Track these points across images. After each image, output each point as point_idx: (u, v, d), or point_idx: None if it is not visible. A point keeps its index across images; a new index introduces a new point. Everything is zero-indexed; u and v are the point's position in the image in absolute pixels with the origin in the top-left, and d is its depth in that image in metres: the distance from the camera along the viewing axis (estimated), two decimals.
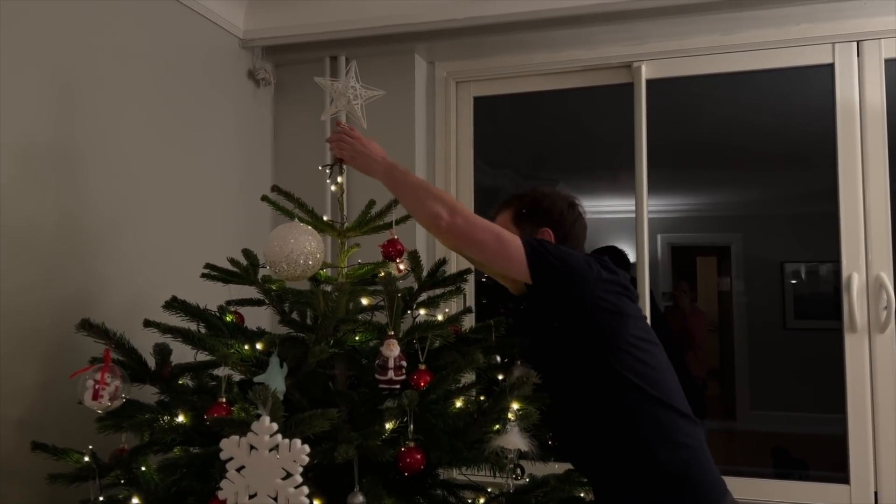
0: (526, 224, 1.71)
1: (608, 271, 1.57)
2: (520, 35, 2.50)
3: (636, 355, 1.51)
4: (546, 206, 1.72)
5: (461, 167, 2.74)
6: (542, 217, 1.71)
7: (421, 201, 1.55)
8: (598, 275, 1.53)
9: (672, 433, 1.48)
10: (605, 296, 1.52)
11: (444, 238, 1.56)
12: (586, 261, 1.55)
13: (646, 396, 1.48)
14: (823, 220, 2.48)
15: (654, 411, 1.48)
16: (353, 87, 1.76)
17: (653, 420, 1.48)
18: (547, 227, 1.70)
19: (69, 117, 1.90)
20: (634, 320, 1.56)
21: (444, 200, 1.54)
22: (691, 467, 1.47)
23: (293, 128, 2.78)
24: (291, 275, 1.52)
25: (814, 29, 2.36)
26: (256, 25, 2.62)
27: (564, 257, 1.52)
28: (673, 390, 1.54)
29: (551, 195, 1.74)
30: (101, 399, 1.36)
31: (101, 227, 1.99)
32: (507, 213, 1.75)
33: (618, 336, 1.51)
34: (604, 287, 1.52)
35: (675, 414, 1.50)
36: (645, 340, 1.56)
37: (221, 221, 2.48)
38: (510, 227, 1.69)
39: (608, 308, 1.51)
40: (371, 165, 1.68)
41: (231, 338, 1.54)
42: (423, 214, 1.55)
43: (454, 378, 1.38)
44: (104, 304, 1.96)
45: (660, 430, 1.47)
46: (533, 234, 1.67)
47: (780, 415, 5.68)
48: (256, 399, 1.15)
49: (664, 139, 2.52)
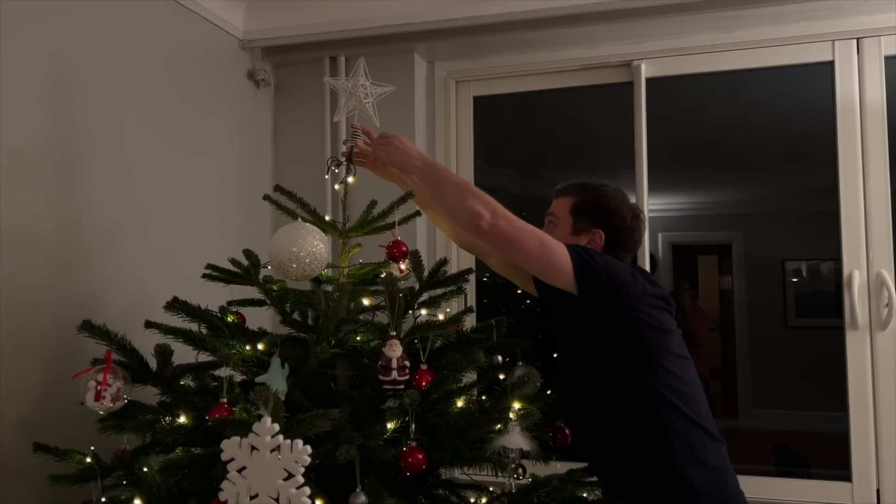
0: (582, 218, 1.66)
1: (652, 285, 1.54)
2: (519, 34, 2.50)
3: (674, 372, 1.49)
4: (611, 208, 1.66)
5: (461, 167, 2.74)
6: (603, 217, 1.65)
7: (462, 199, 1.52)
8: (643, 289, 1.49)
9: (702, 454, 1.46)
10: (648, 310, 1.49)
11: (484, 239, 1.54)
12: (632, 273, 1.52)
13: (680, 415, 1.46)
14: (824, 217, 2.47)
15: (687, 431, 1.46)
16: (364, 85, 1.76)
17: (685, 440, 1.46)
18: (602, 229, 1.65)
19: (69, 119, 1.91)
20: (674, 336, 1.54)
21: (487, 201, 1.51)
22: (720, 487, 1.46)
23: (293, 128, 2.78)
24: (300, 275, 1.52)
25: (813, 26, 2.35)
26: (256, 26, 2.62)
27: (611, 268, 1.48)
28: (703, 409, 1.52)
29: (619, 198, 1.68)
30: (104, 400, 1.37)
31: (102, 229, 1.99)
32: (568, 201, 1.69)
33: (658, 352, 1.48)
34: (648, 301, 1.49)
35: (705, 434, 1.49)
36: (681, 357, 1.54)
37: (221, 222, 2.48)
38: (565, 215, 1.67)
39: (651, 323, 1.48)
40: (408, 162, 1.66)
41: (232, 338, 1.54)
42: (463, 213, 1.52)
43: (456, 378, 1.38)
44: (105, 305, 1.96)
45: (692, 450, 1.46)
46: (586, 229, 1.65)
47: (782, 413, 5.68)
48: (258, 399, 1.15)
49: (664, 138, 2.52)
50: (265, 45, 2.65)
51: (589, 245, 1.63)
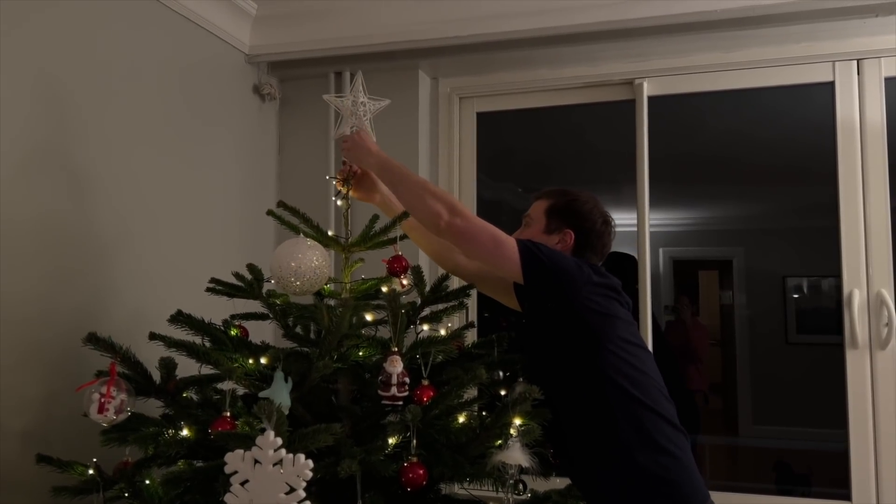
0: (555, 219, 1.75)
1: (599, 275, 1.61)
2: (523, 52, 2.53)
3: (621, 356, 1.54)
4: (583, 213, 1.75)
5: (464, 181, 2.76)
6: (574, 220, 1.74)
7: (421, 199, 1.62)
8: (587, 277, 1.57)
9: (654, 436, 1.49)
10: (593, 297, 1.56)
11: (443, 235, 1.63)
12: (577, 264, 1.60)
13: (628, 396, 1.50)
14: (825, 234, 2.49)
15: (636, 412, 1.50)
16: (363, 102, 1.79)
17: (634, 421, 1.49)
18: (572, 230, 1.73)
19: (75, 130, 1.93)
20: (623, 323, 1.59)
21: (444, 199, 1.60)
22: (671, 472, 1.47)
23: (298, 142, 2.80)
24: (300, 290, 1.54)
25: (815, 47, 2.38)
26: (262, 41, 2.64)
27: (556, 259, 1.58)
28: (658, 396, 1.55)
29: (591, 204, 1.77)
30: (107, 412, 1.38)
31: (106, 240, 2.01)
32: (544, 203, 1.78)
33: (605, 336, 1.54)
34: (593, 290, 1.57)
35: (659, 418, 1.51)
36: (632, 343, 1.59)
37: (225, 236, 2.49)
38: (540, 216, 1.76)
39: (596, 309, 1.55)
40: (363, 157, 1.73)
41: (235, 352, 1.55)
42: (422, 212, 1.62)
43: (457, 393, 1.39)
44: (109, 316, 1.97)
45: (641, 432, 1.49)
46: (558, 230, 1.72)
47: (782, 430, 5.66)
48: (261, 413, 1.16)
49: (666, 154, 2.54)
50: (271, 60, 2.67)
51: (559, 245, 1.72)
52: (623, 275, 1.78)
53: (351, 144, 1.76)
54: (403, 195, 1.67)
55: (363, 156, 1.74)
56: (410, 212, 1.66)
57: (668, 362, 1.72)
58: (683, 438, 1.54)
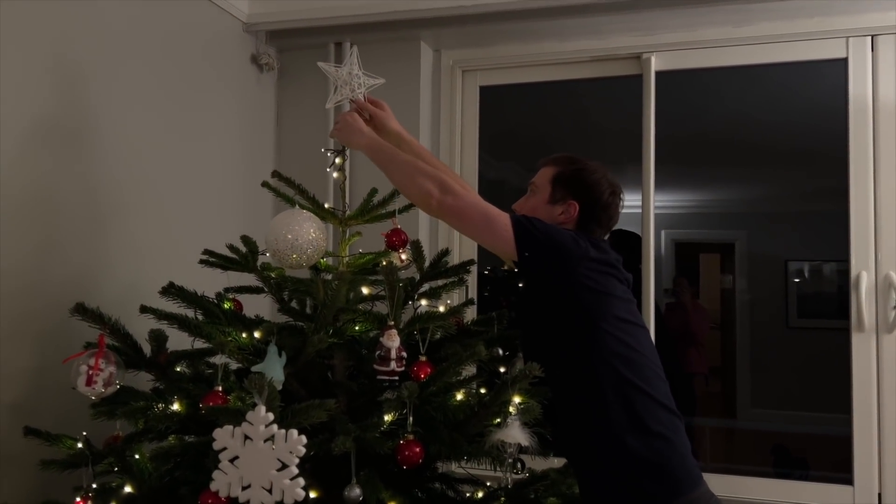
0: (560, 188, 1.66)
1: (597, 250, 1.55)
2: (528, 23, 2.46)
3: (617, 336, 1.49)
4: (590, 182, 1.66)
5: (466, 158, 2.71)
6: (580, 190, 1.65)
7: (412, 178, 1.56)
8: (584, 252, 1.51)
9: (645, 419, 1.45)
10: (590, 273, 1.50)
11: (434, 214, 1.58)
12: (573, 238, 1.53)
13: (620, 378, 1.46)
14: (829, 218, 2.44)
15: (629, 394, 1.46)
16: (357, 75, 1.74)
17: (626, 403, 1.45)
18: (577, 201, 1.65)
19: (69, 99, 1.87)
20: (620, 301, 1.54)
21: (435, 178, 1.54)
22: (663, 455, 1.44)
23: (296, 114, 2.74)
24: (297, 263, 1.50)
25: (828, 22, 2.31)
26: (260, 9, 2.57)
27: (551, 233, 1.52)
28: (653, 378, 1.51)
29: (599, 174, 1.68)
30: (95, 385, 1.34)
31: (99, 210, 1.96)
32: (550, 171, 1.70)
33: (600, 315, 1.49)
34: (590, 265, 1.51)
35: (651, 401, 1.47)
36: (629, 322, 1.54)
37: (222, 208, 2.44)
38: (545, 184, 1.68)
39: (592, 287, 1.50)
40: (353, 137, 1.68)
41: (229, 325, 1.51)
42: (413, 191, 1.56)
43: (455, 370, 1.35)
44: (101, 288, 1.93)
45: (632, 414, 1.45)
46: (563, 199, 1.65)
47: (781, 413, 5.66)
48: (252, 388, 1.12)
49: (670, 133, 2.48)
50: (269, 29, 2.60)
51: (562, 216, 1.65)
52: (628, 253, 1.72)
53: (342, 125, 1.70)
54: (394, 175, 1.60)
55: (354, 137, 1.68)
56: (402, 192, 1.61)
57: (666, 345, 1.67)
58: (677, 421, 1.50)
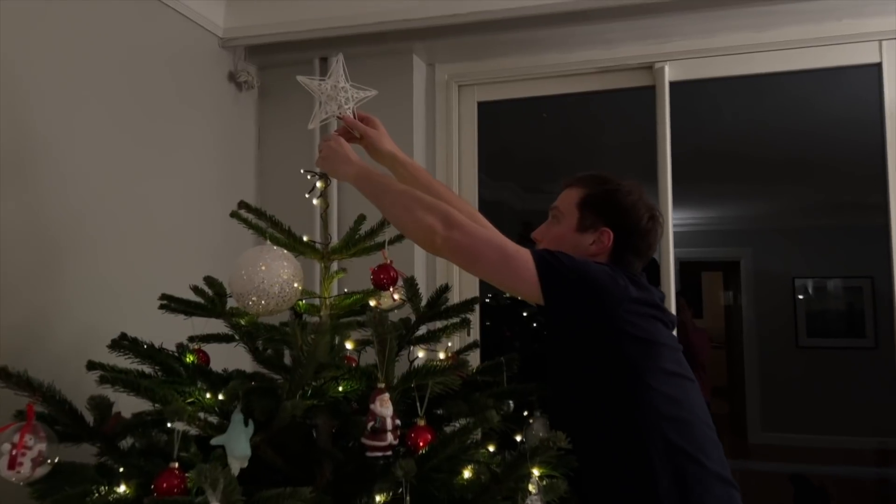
0: (590, 213, 1.43)
1: (638, 288, 1.32)
2: (529, 33, 2.26)
3: (666, 393, 1.27)
4: (626, 205, 1.42)
5: (464, 180, 2.49)
6: (615, 215, 1.41)
7: (410, 212, 1.32)
8: (625, 292, 1.28)
9: (698, 495, 1.23)
10: (632, 318, 1.27)
11: (439, 254, 1.34)
12: (611, 274, 1.29)
13: (671, 447, 1.24)
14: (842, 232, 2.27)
15: (680, 466, 1.23)
16: (344, 87, 1.52)
17: (677, 477, 1.23)
18: (612, 228, 1.41)
19: (26, 119, 1.67)
20: (668, 350, 1.32)
21: (438, 210, 1.30)
22: None
23: (279, 137, 2.54)
24: (265, 310, 1.27)
25: (858, 25, 2.12)
26: (238, 23, 2.37)
27: (583, 270, 1.28)
28: (706, 443, 1.29)
29: (637, 195, 1.44)
30: (20, 467, 1.09)
31: (52, 246, 1.74)
32: (576, 193, 1.46)
33: (646, 368, 1.27)
34: (631, 307, 1.28)
35: (705, 471, 1.25)
36: (678, 376, 1.32)
37: (198, 242, 2.22)
38: (571, 209, 1.44)
39: (636, 334, 1.27)
40: (339, 167, 1.46)
41: (190, 383, 1.28)
42: (413, 228, 1.32)
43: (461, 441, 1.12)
44: (55, 333, 1.71)
45: (684, 490, 1.22)
46: (593, 227, 1.41)
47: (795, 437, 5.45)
48: (203, 482, 0.89)
49: (679, 148, 2.27)
50: (248, 44, 2.41)
51: (594, 246, 1.42)
52: (650, 280, 1.48)
53: (327, 152, 1.48)
54: (389, 210, 1.37)
55: (340, 167, 1.45)
56: (400, 229, 1.38)
57: None
58: (735, 493, 1.27)
